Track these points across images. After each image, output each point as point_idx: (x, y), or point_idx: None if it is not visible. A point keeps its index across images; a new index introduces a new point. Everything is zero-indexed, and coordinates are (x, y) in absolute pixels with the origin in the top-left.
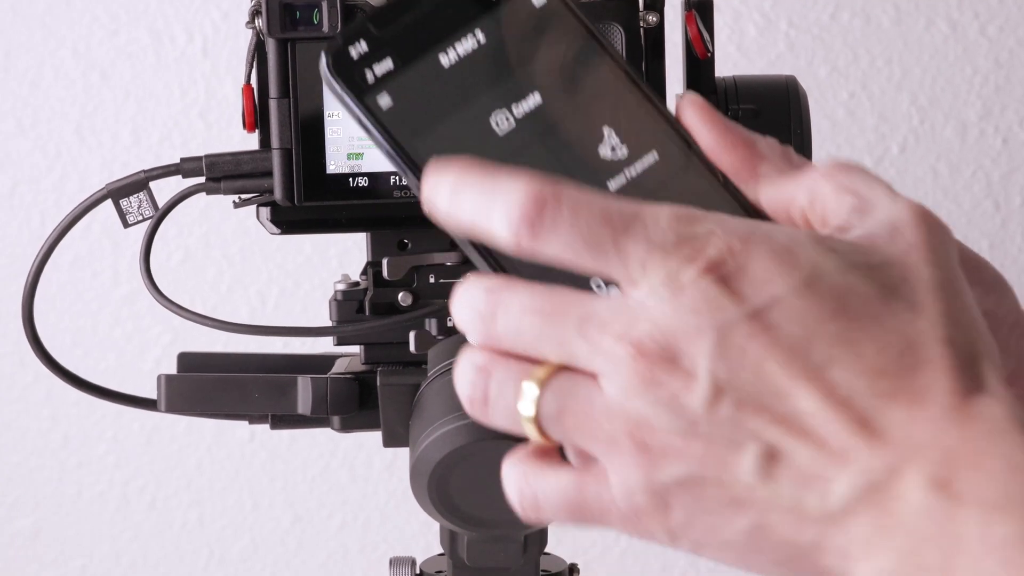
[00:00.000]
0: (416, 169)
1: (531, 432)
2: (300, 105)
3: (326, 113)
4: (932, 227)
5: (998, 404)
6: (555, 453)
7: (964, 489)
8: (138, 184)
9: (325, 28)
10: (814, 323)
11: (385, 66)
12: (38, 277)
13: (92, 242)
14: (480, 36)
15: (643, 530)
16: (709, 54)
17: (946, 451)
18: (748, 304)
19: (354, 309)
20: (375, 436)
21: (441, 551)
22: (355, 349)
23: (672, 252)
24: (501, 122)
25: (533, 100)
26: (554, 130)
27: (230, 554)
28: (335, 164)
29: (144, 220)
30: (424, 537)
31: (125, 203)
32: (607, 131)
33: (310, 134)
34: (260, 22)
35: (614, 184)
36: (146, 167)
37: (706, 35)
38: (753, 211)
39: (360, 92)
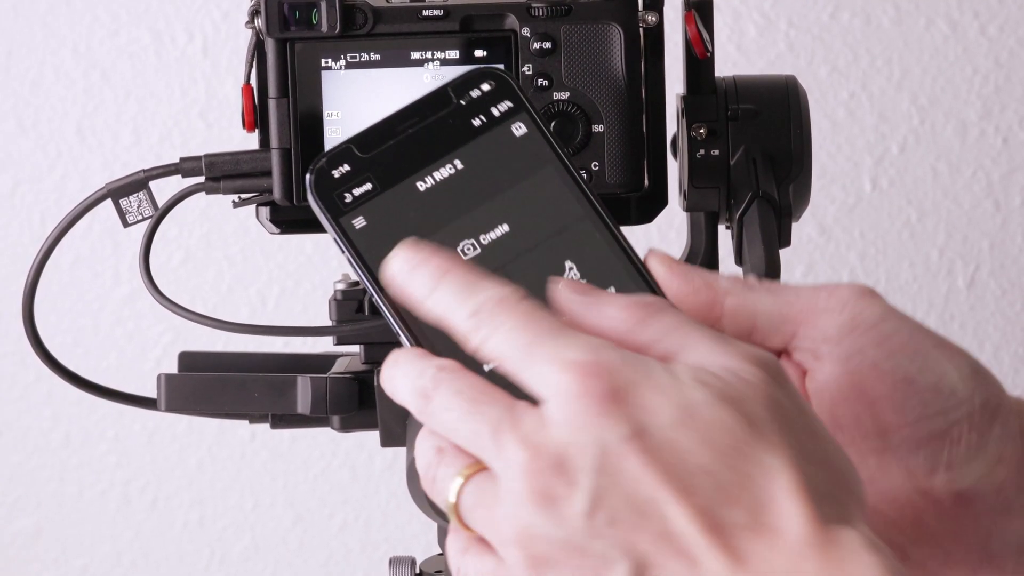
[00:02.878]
0: (382, 291)
1: (454, 521)
2: (299, 105)
3: (325, 113)
4: (772, 364)
5: (855, 532)
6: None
7: None
8: (138, 184)
9: (324, 28)
10: (686, 452)
11: (363, 188)
12: (38, 276)
13: (92, 242)
14: (458, 163)
15: None
16: (709, 54)
17: None
18: (630, 425)
19: (354, 309)
20: (376, 436)
21: (440, 551)
22: (355, 349)
23: (580, 371)
24: (468, 249)
25: (501, 230)
26: (517, 261)
27: (231, 554)
28: None
29: (144, 220)
30: (424, 537)
31: (125, 203)
32: (568, 265)
33: (309, 134)
34: (259, 22)
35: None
36: (146, 167)
37: (706, 35)
38: None
39: (336, 212)
